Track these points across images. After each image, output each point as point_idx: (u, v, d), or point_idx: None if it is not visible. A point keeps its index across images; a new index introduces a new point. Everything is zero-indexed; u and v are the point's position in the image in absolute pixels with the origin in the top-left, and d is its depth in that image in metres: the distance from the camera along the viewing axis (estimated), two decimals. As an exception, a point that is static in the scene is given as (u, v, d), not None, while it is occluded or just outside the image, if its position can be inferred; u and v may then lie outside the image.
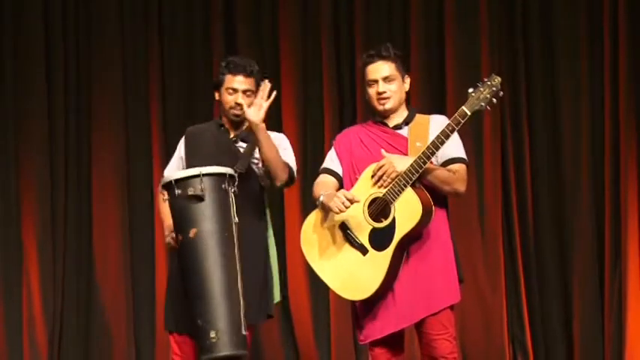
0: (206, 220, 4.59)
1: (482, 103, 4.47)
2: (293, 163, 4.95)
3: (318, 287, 6.76)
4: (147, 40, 7.01)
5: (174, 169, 4.95)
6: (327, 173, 4.80)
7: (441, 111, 4.94)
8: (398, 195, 4.50)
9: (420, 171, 4.48)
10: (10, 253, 6.92)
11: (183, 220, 4.59)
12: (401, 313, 4.60)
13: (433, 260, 4.63)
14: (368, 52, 4.82)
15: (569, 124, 6.76)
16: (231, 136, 4.91)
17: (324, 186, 4.74)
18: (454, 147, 4.65)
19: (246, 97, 4.85)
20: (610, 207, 6.67)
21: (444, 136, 4.46)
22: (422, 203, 4.50)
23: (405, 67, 4.75)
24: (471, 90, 4.50)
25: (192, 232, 4.57)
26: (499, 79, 4.49)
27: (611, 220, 6.68)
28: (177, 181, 4.56)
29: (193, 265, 4.56)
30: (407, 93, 4.78)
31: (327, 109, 6.89)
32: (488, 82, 4.48)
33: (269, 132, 4.83)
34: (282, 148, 4.92)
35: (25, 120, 6.98)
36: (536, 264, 6.77)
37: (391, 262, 4.53)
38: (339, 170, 4.77)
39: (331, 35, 6.93)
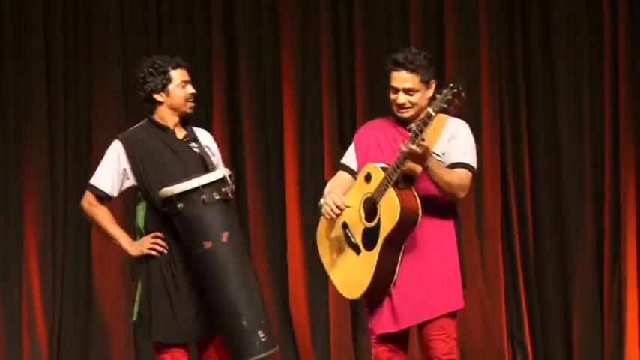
0: (233, 221, 4.64)
1: (444, 105, 4.47)
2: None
3: (316, 287, 6.78)
4: (147, 42, 7.02)
5: (114, 182, 4.75)
6: (343, 170, 4.81)
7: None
8: (382, 195, 4.53)
9: (398, 171, 4.48)
10: (10, 252, 6.94)
11: (213, 225, 4.54)
12: (399, 315, 4.61)
13: (436, 266, 4.62)
14: (394, 56, 4.71)
15: (568, 127, 6.75)
16: (181, 137, 4.80)
17: (335, 185, 4.76)
18: (462, 151, 4.63)
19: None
20: (609, 209, 6.67)
21: (414, 135, 4.44)
22: (400, 204, 4.48)
23: (429, 75, 4.65)
24: (437, 94, 4.51)
25: (224, 236, 4.57)
26: (459, 82, 4.47)
27: (610, 222, 6.67)
28: (205, 186, 4.52)
29: (231, 266, 4.55)
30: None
31: (325, 110, 6.90)
32: (451, 85, 4.48)
33: (197, 129, 4.87)
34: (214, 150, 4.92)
35: (25, 120, 6.99)
36: (535, 265, 6.77)
37: (379, 261, 4.53)
38: (354, 165, 4.77)
39: (330, 36, 6.93)
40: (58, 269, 6.95)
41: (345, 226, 4.63)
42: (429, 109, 4.45)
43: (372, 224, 4.55)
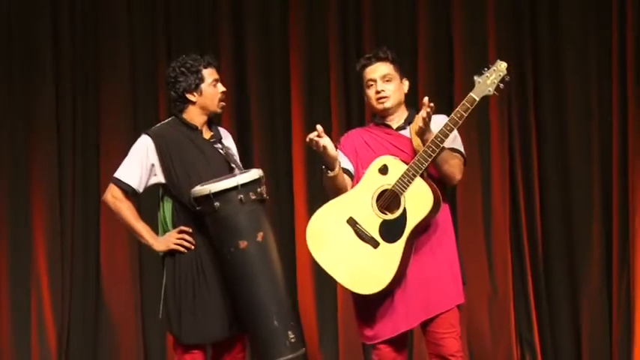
0: (266, 220, 4.64)
1: (490, 89, 4.49)
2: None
3: (324, 288, 6.76)
4: (154, 39, 7.02)
5: (142, 177, 4.73)
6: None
7: (448, 109, 4.91)
8: (408, 185, 4.51)
9: (430, 160, 4.48)
10: (18, 251, 6.94)
11: (249, 225, 4.55)
12: (411, 311, 4.62)
13: (441, 259, 4.65)
14: (364, 56, 4.87)
15: (576, 127, 6.74)
16: (207, 137, 4.82)
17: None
18: (451, 140, 4.65)
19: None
20: (618, 209, 6.66)
21: (453, 123, 4.48)
22: (432, 192, 4.52)
23: (402, 71, 4.78)
24: (476, 77, 4.51)
25: (259, 236, 4.57)
26: (505, 64, 4.52)
27: (618, 223, 6.66)
28: (243, 185, 4.52)
29: (264, 267, 4.56)
30: (406, 95, 4.80)
31: (334, 106, 6.89)
32: (494, 68, 4.51)
33: (221, 129, 4.89)
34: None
35: (33, 121, 6.99)
36: (543, 264, 6.76)
37: (403, 253, 4.53)
38: (349, 167, 4.77)
39: (338, 35, 6.92)
40: (67, 268, 6.95)
41: (352, 221, 4.60)
42: (472, 94, 4.46)
43: (395, 216, 4.54)
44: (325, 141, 4.56)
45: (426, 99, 4.49)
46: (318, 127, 4.56)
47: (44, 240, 6.93)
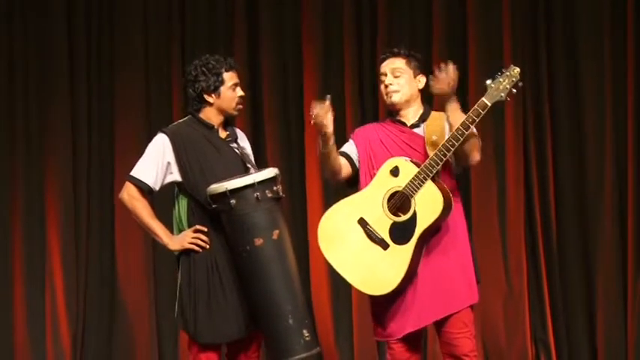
0: (282, 219, 4.62)
1: (502, 94, 4.48)
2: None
3: (339, 286, 6.76)
4: (168, 41, 7.03)
5: (158, 175, 4.70)
6: (341, 155, 4.79)
7: (463, 106, 4.90)
8: (418, 188, 4.51)
9: (441, 164, 4.49)
10: (33, 251, 6.97)
11: (265, 223, 4.53)
12: (422, 312, 4.62)
13: (453, 259, 4.65)
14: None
15: (591, 125, 6.73)
16: (223, 137, 4.80)
17: None
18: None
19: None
20: (633, 206, 6.64)
21: (465, 127, 4.48)
22: (443, 196, 4.51)
23: (419, 67, 4.75)
24: (489, 81, 4.51)
25: (275, 234, 4.56)
26: (518, 69, 4.51)
27: (634, 220, 6.64)
28: (259, 183, 4.51)
29: (280, 265, 4.55)
30: (422, 92, 4.78)
31: (348, 104, 6.90)
32: (507, 73, 4.50)
33: (236, 129, 4.88)
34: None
35: (48, 119, 7.02)
36: (559, 263, 6.75)
37: (413, 255, 4.53)
38: (352, 154, 4.77)
39: (353, 30, 6.92)
40: (82, 269, 6.97)
41: (363, 222, 4.62)
42: (484, 99, 4.46)
43: (405, 218, 4.55)
44: (328, 118, 4.57)
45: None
46: (328, 100, 4.60)
47: (59, 241, 6.95)
